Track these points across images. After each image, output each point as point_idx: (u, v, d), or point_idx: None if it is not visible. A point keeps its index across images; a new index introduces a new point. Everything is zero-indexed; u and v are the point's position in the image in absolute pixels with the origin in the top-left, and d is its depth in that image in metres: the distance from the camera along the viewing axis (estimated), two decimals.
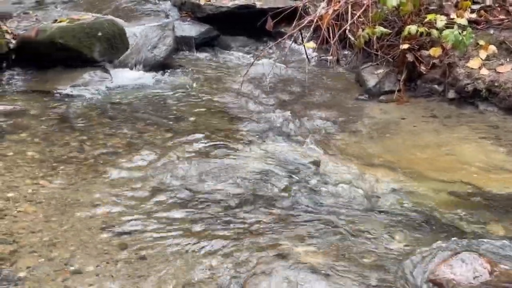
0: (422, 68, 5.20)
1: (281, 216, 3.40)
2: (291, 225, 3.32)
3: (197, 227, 3.31)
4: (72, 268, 2.97)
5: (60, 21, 5.68)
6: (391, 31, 5.50)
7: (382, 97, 5.23)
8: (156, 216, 3.39)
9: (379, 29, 5.35)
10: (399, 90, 5.18)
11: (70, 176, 3.84)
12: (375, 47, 5.54)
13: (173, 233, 3.24)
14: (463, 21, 5.03)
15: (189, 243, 3.15)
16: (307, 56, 5.93)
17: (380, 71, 5.36)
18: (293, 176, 3.83)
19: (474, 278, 2.83)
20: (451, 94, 5.03)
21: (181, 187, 3.71)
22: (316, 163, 3.94)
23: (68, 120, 4.69)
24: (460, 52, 5.04)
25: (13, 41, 5.76)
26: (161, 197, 3.59)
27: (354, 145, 4.31)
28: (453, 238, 3.18)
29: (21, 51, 5.68)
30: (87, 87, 5.30)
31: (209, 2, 6.79)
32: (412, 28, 5.05)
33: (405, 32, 5.12)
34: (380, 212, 3.46)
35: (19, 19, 6.67)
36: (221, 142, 4.30)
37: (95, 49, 5.55)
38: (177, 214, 3.43)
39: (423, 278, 2.85)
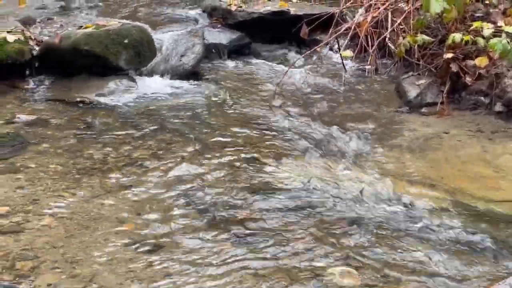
0: (467, 79, 5.13)
1: (320, 235, 3.38)
2: (330, 246, 3.29)
3: (225, 244, 3.30)
4: (95, 285, 2.98)
5: (86, 27, 5.73)
6: (434, 39, 5.45)
7: (423, 109, 5.17)
8: (184, 233, 3.39)
9: (421, 37, 5.31)
10: (442, 102, 5.13)
11: (93, 189, 3.87)
12: (416, 56, 5.50)
13: (201, 251, 3.23)
14: (511, 29, 4.96)
15: (219, 261, 3.14)
16: (343, 65, 5.90)
17: (422, 81, 5.31)
18: (329, 192, 3.81)
19: None
20: (498, 107, 4.96)
21: (210, 203, 3.71)
22: (354, 179, 3.92)
23: (92, 131, 4.73)
24: (509, 62, 4.97)
25: (37, 48, 5.84)
26: (189, 213, 3.59)
27: (393, 160, 4.27)
28: (504, 263, 3.13)
29: (45, 58, 5.75)
30: (113, 96, 5.35)
31: (240, 8, 6.81)
32: (457, 37, 5.00)
33: (449, 41, 5.06)
34: (424, 233, 3.41)
35: (43, 25, 6.77)
36: (252, 157, 4.30)
37: (121, 57, 5.59)
38: (205, 230, 3.42)
39: None
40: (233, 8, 6.84)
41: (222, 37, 6.62)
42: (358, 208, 3.65)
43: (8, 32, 5.63)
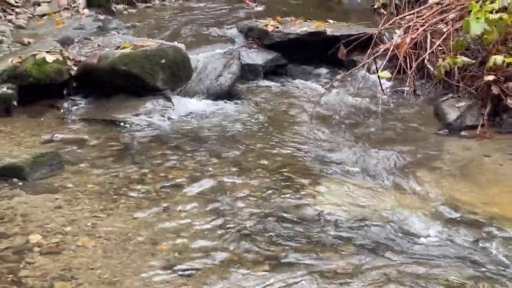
0: (509, 102, 5.07)
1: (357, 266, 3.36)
2: (367, 275, 3.27)
3: (263, 268, 3.30)
4: None
5: (123, 48, 5.80)
6: (474, 61, 5.41)
7: (463, 132, 5.12)
8: (221, 256, 3.39)
9: (461, 59, 5.27)
10: (482, 125, 5.07)
11: (130, 209, 3.90)
12: (456, 78, 5.46)
13: (239, 275, 3.23)
14: None
15: (259, 286, 3.14)
16: (381, 86, 5.88)
17: (462, 104, 5.26)
18: (366, 219, 3.79)
19: None
20: None
21: (247, 226, 3.70)
22: (394, 205, 3.90)
23: (129, 151, 4.78)
24: None
25: (75, 68, 5.93)
26: (226, 236, 3.59)
27: (433, 184, 4.22)
28: None
29: (83, 78, 5.84)
30: (149, 116, 5.39)
31: (277, 29, 6.84)
32: (498, 59, 4.96)
33: (490, 63, 5.02)
34: (469, 262, 3.36)
35: (80, 45, 6.87)
36: (289, 180, 4.30)
37: (158, 77, 5.65)
38: (242, 256, 3.42)
39: None
40: (270, 28, 6.87)
41: (258, 57, 6.66)
42: (399, 237, 3.63)
43: (47, 52, 5.73)
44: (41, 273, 3.23)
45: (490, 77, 5.11)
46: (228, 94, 5.96)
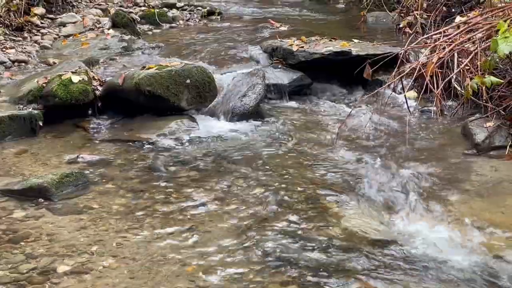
0: None
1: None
2: None
3: None
4: None
5: (148, 68, 5.86)
6: (502, 81, 5.37)
7: (492, 153, 5.06)
8: (249, 278, 3.39)
9: (490, 78, 5.23)
10: (511, 146, 5.02)
11: (156, 229, 3.92)
12: (484, 98, 5.42)
13: None
14: None
15: None
16: (408, 106, 5.87)
17: (490, 124, 5.22)
18: (394, 243, 3.77)
19: None
20: None
21: (274, 248, 3.70)
22: (422, 227, 3.89)
23: (154, 171, 4.80)
24: None
25: (100, 88, 6.01)
26: (252, 258, 3.59)
27: (462, 206, 4.19)
28: None
29: (108, 98, 5.92)
30: (174, 136, 5.43)
31: (302, 48, 6.85)
32: None
33: None
34: (498, 284, 3.33)
35: (105, 65, 6.99)
36: (316, 201, 4.30)
37: (183, 97, 5.70)
38: (268, 278, 3.41)
39: None
40: (295, 48, 6.89)
41: (283, 77, 6.67)
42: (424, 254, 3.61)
43: (72, 72, 5.80)
44: None
45: None
46: (253, 114, 5.96)
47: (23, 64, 7.14)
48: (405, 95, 5.90)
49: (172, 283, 3.36)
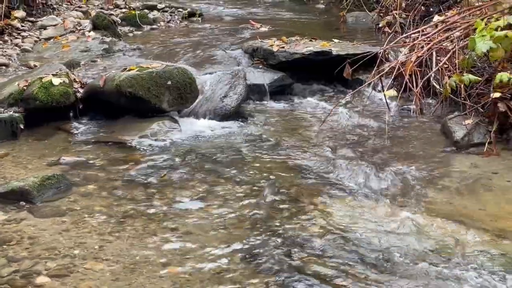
0: None
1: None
2: None
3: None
4: None
5: (130, 70, 5.83)
6: (480, 79, 5.41)
7: (471, 150, 5.10)
8: (230, 278, 3.38)
9: (468, 76, 5.27)
10: (490, 142, 5.05)
11: (138, 232, 3.90)
12: (462, 96, 5.46)
13: None
14: None
15: None
16: (387, 105, 5.89)
17: (469, 121, 5.25)
18: (372, 241, 3.78)
19: None
20: None
21: (255, 245, 3.70)
22: (403, 222, 3.90)
23: (136, 173, 4.77)
24: None
25: (81, 90, 5.98)
26: (233, 259, 3.58)
27: (442, 202, 4.21)
28: None
29: (89, 100, 5.88)
30: (156, 137, 5.41)
31: (282, 49, 6.86)
32: (504, 76, 4.95)
33: (496, 80, 5.02)
34: (479, 277, 3.35)
35: (86, 68, 6.94)
36: (296, 200, 4.30)
37: (164, 99, 5.67)
38: (248, 277, 3.41)
39: None
40: (275, 48, 6.90)
41: (264, 77, 6.67)
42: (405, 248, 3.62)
43: (53, 75, 5.76)
44: None
45: (497, 95, 5.10)
46: (234, 115, 5.97)
47: (3, 67, 7.08)
48: (384, 94, 5.92)
49: (155, 284, 3.34)
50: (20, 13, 8.74)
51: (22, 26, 8.55)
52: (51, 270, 3.46)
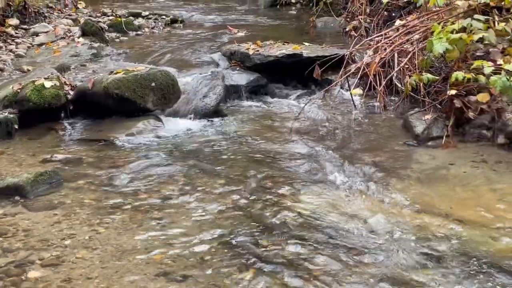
0: (470, 114, 5.10)
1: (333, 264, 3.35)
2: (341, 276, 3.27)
3: (247, 278, 3.28)
4: None
5: (116, 73, 5.79)
6: (438, 78, 5.44)
7: (430, 143, 5.13)
8: (211, 263, 3.37)
9: (426, 75, 5.31)
10: (447, 136, 5.09)
11: (125, 222, 3.87)
12: (422, 93, 5.48)
13: (226, 281, 3.22)
14: (510, 67, 4.94)
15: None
16: (353, 102, 5.91)
17: (428, 117, 5.28)
18: (340, 226, 3.79)
19: None
20: (500, 139, 4.92)
21: (234, 232, 3.69)
22: (366, 210, 3.91)
23: (123, 168, 4.74)
24: (509, 98, 4.95)
25: (71, 92, 5.94)
26: (215, 243, 3.58)
27: (403, 191, 4.23)
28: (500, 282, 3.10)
29: (79, 102, 5.83)
30: (141, 135, 5.38)
31: (258, 52, 6.86)
32: (459, 75, 4.99)
33: (452, 79, 5.05)
34: (433, 260, 3.37)
35: (76, 71, 6.89)
36: (271, 190, 4.29)
37: (148, 99, 5.65)
38: (228, 261, 3.40)
39: None
40: (251, 52, 6.89)
41: (240, 78, 6.66)
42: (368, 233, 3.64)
43: (45, 78, 5.72)
44: (43, 285, 3.20)
45: (453, 92, 5.13)
46: (213, 113, 5.95)
47: None
48: (351, 92, 5.94)
49: (141, 270, 3.32)
50: (14, 21, 8.65)
51: (16, 33, 8.45)
52: (44, 260, 3.43)
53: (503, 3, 5.71)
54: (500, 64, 5.06)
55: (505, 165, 4.61)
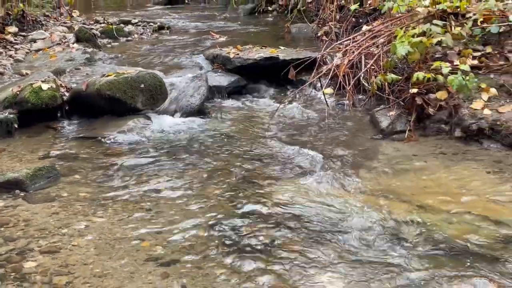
0: (430, 110, 5.14)
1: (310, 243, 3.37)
2: (315, 263, 3.28)
3: (231, 265, 3.28)
4: None
5: (108, 75, 5.76)
6: (401, 77, 5.48)
7: (394, 136, 5.16)
8: (196, 249, 3.37)
9: (390, 76, 5.34)
10: (409, 130, 5.12)
11: (118, 213, 3.85)
12: (387, 92, 5.51)
13: (210, 264, 3.22)
14: (466, 67, 4.99)
15: (222, 274, 3.12)
16: (325, 101, 5.93)
17: (392, 113, 5.32)
18: (312, 212, 3.80)
19: None
20: (457, 132, 4.96)
21: (218, 220, 3.69)
22: (338, 198, 3.93)
23: (115, 163, 4.71)
24: (464, 95, 5.00)
25: (67, 94, 5.88)
26: (200, 231, 3.57)
27: (371, 180, 4.26)
28: (466, 265, 3.12)
29: (73, 102, 5.78)
30: (132, 132, 5.35)
31: (238, 55, 6.84)
32: (420, 75, 5.03)
33: (414, 78, 5.09)
34: (398, 242, 3.40)
35: (71, 74, 6.82)
36: (251, 181, 4.30)
37: (138, 100, 5.61)
38: (212, 246, 3.41)
39: None
40: (232, 55, 6.88)
41: (222, 80, 6.65)
42: (339, 219, 3.66)
43: (42, 81, 5.66)
44: (42, 270, 3.18)
45: (414, 90, 5.17)
46: (198, 112, 5.93)
47: None
48: (323, 92, 5.95)
49: (132, 256, 3.31)
50: (13, 29, 8.55)
51: (15, 39, 8.35)
52: (43, 248, 3.40)
53: (458, 9, 5.76)
54: (457, 65, 5.11)
55: (461, 156, 4.65)
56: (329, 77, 6.02)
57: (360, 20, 8.32)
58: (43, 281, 3.08)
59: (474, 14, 5.59)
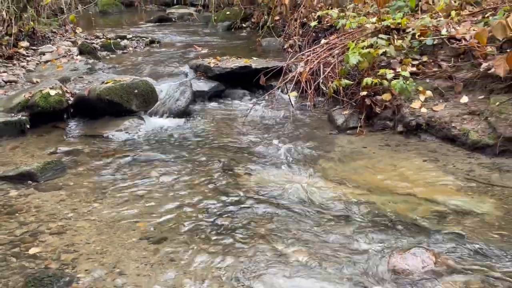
0: (377, 109, 5.18)
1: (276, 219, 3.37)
2: (284, 232, 3.29)
3: (214, 240, 3.28)
4: (118, 270, 2.94)
5: (107, 82, 5.69)
6: (353, 82, 5.51)
7: (348, 132, 5.19)
8: (183, 228, 3.37)
9: (344, 81, 5.37)
10: (360, 126, 5.16)
11: (116, 199, 3.83)
12: (341, 94, 5.54)
13: (195, 240, 3.21)
14: (406, 73, 5.04)
15: (209, 251, 3.12)
16: (291, 102, 5.94)
17: (346, 112, 5.35)
18: (277, 194, 3.82)
19: (422, 268, 2.81)
20: (399, 128, 5.01)
21: (202, 202, 3.68)
22: (301, 183, 3.95)
23: (113, 156, 4.67)
24: (405, 96, 5.06)
25: (71, 98, 5.80)
26: (187, 212, 3.57)
27: (329, 168, 4.29)
28: (407, 237, 3.17)
29: (77, 106, 5.70)
30: (127, 131, 5.29)
31: (217, 65, 6.81)
32: (369, 80, 5.07)
33: (363, 83, 5.13)
34: (350, 218, 3.44)
35: (75, 82, 6.71)
36: (230, 170, 4.30)
37: (133, 103, 5.55)
38: (199, 226, 3.40)
39: (386, 269, 2.83)
40: (212, 64, 6.84)
41: (204, 86, 6.60)
42: (303, 200, 3.68)
43: (50, 88, 5.57)
44: (51, 248, 3.16)
45: (364, 93, 5.21)
46: (184, 113, 5.89)
47: (13, 83, 6.75)
48: (289, 95, 5.96)
49: (129, 235, 3.30)
50: (25, 43, 8.38)
51: (27, 53, 8.18)
52: (52, 229, 3.38)
53: (400, 25, 5.82)
54: (399, 72, 5.15)
55: (403, 147, 4.71)
56: (294, 83, 6.01)
57: (319, 35, 8.32)
58: (52, 258, 3.06)
59: (413, 29, 5.65)
